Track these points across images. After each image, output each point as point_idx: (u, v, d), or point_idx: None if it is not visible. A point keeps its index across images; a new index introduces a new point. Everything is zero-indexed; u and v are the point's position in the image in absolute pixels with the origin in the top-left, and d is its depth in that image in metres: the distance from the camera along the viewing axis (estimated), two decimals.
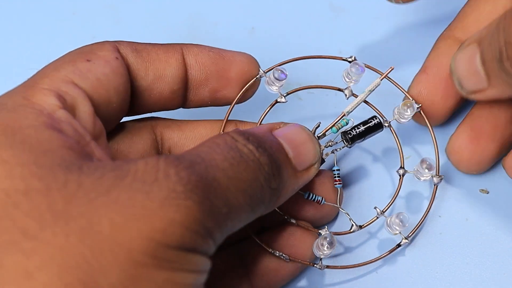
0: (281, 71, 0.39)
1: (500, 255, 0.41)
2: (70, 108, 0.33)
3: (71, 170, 0.29)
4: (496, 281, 0.41)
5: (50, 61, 0.35)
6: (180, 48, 0.38)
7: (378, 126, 0.40)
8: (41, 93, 0.32)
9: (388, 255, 0.40)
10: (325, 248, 0.38)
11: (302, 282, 0.41)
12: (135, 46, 0.37)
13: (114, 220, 0.28)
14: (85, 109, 0.33)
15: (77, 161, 0.30)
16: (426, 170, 0.40)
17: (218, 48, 0.39)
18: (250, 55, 0.39)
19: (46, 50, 0.48)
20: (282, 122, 0.37)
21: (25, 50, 0.48)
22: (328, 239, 0.38)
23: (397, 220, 0.39)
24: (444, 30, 0.42)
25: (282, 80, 0.39)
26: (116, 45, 0.36)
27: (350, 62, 0.40)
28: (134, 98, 0.37)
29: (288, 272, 0.39)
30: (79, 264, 0.27)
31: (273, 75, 0.39)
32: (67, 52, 0.36)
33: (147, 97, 0.37)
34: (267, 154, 0.33)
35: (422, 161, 0.40)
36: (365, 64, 0.40)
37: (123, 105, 0.36)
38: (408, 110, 0.40)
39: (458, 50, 0.38)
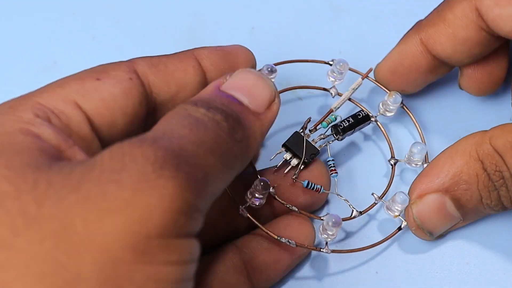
0: (271, 66, 0.39)
1: (500, 254, 0.41)
2: (63, 128, 0.32)
3: (41, 169, 0.28)
4: (496, 281, 0.41)
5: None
6: (192, 54, 0.38)
7: (366, 118, 0.42)
8: (28, 105, 0.31)
9: (390, 246, 0.41)
10: (332, 228, 0.38)
11: (305, 270, 0.42)
12: (151, 60, 0.36)
13: (88, 218, 0.27)
14: (79, 131, 0.32)
15: (48, 161, 0.29)
16: (419, 155, 0.41)
17: (219, 46, 0.39)
18: (242, 46, 0.40)
19: (46, 50, 0.48)
20: (228, 73, 0.36)
21: (25, 50, 0.48)
22: (334, 219, 0.38)
23: (398, 200, 0.39)
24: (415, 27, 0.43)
25: (275, 72, 0.39)
26: (132, 65, 0.35)
27: (330, 65, 0.42)
28: (157, 112, 0.36)
29: (287, 264, 0.40)
30: (56, 271, 0.26)
31: (266, 70, 0.39)
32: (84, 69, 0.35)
33: (171, 108, 0.36)
34: (220, 111, 0.32)
35: (414, 144, 0.41)
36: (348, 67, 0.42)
37: (132, 126, 0.35)
38: (393, 102, 0.41)
39: (412, 207, 0.40)
